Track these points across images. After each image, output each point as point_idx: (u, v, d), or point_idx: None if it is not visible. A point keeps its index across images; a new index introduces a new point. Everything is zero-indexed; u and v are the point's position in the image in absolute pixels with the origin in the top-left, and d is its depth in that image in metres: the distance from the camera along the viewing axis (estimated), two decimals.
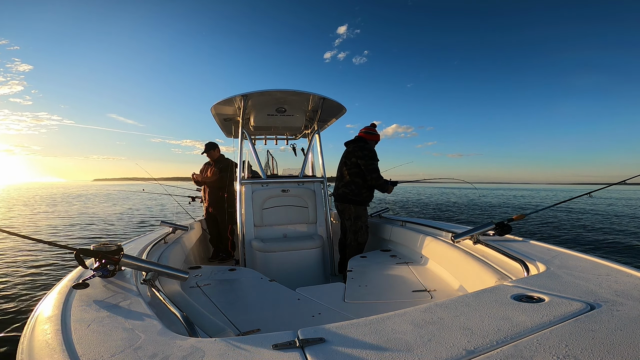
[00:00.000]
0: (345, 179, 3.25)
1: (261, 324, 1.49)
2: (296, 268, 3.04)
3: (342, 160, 3.37)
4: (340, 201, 3.28)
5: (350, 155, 3.24)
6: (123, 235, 8.68)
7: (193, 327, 1.03)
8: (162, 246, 2.44)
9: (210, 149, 4.16)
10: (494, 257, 1.79)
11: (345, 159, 3.30)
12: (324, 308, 1.68)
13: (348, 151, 3.31)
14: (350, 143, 3.35)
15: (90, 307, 1.07)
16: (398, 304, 1.73)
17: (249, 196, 3.27)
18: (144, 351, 0.79)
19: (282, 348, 0.78)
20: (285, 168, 4.23)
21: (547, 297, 1.01)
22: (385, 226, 3.34)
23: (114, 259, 1.37)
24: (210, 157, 4.20)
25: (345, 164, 3.27)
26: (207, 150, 4.16)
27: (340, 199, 3.29)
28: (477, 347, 0.74)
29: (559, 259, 1.46)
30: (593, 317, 0.86)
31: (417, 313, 0.95)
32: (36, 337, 0.90)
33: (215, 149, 4.19)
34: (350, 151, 3.26)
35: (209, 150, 4.16)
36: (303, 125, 3.64)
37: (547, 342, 0.74)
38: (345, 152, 3.37)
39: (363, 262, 2.60)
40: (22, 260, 5.34)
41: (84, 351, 0.80)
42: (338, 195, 3.32)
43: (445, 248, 2.20)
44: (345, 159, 3.28)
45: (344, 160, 3.32)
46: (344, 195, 3.23)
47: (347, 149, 3.35)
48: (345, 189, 3.22)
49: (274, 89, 3.05)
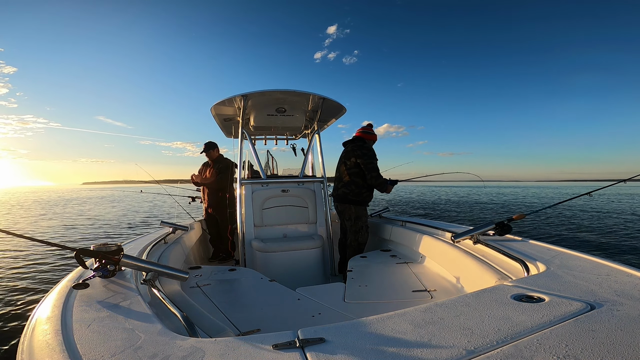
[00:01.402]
0: (344, 179, 3.22)
1: (261, 324, 1.49)
2: (296, 268, 3.04)
3: (340, 161, 3.35)
4: (340, 202, 3.26)
5: (349, 155, 3.21)
6: (123, 236, 8.68)
7: (193, 327, 1.03)
8: (162, 246, 2.44)
9: (210, 149, 4.09)
10: (494, 257, 1.79)
11: (344, 159, 3.28)
12: (324, 308, 1.68)
13: (347, 151, 3.29)
14: (349, 143, 3.34)
15: (90, 307, 1.07)
16: (398, 304, 1.73)
17: (249, 196, 3.27)
18: (144, 351, 0.79)
19: (282, 348, 0.78)
20: (285, 168, 4.23)
21: (547, 297, 1.01)
22: (385, 226, 3.34)
23: (114, 259, 1.37)
24: (209, 157, 4.13)
25: (344, 164, 3.24)
26: (206, 150, 4.09)
27: (340, 200, 3.26)
28: (477, 347, 0.74)
29: (559, 258, 1.46)
30: (593, 317, 0.86)
31: (417, 313, 0.95)
32: (36, 337, 0.90)
33: (214, 148, 4.13)
34: (349, 151, 3.23)
35: (208, 150, 4.08)
36: (303, 125, 3.64)
37: (547, 342, 0.74)
38: (343, 152, 3.35)
39: (363, 262, 2.60)
40: (22, 261, 5.34)
41: (85, 351, 0.80)
42: (338, 196, 3.29)
43: (445, 248, 2.20)
44: (345, 159, 3.26)
45: (343, 161, 3.30)
46: (344, 196, 3.21)
47: (346, 149, 3.33)
48: (345, 189, 3.20)
49: (274, 89, 3.05)
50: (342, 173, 3.27)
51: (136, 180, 9.60)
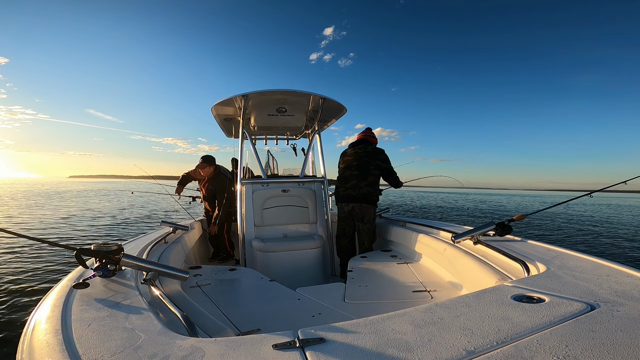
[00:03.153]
0: (369, 178, 3.16)
1: (261, 324, 1.49)
2: (296, 268, 3.04)
3: (363, 160, 3.21)
4: (361, 201, 3.13)
5: (372, 156, 3.20)
6: (123, 235, 8.68)
7: (193, 327, 1.03)
8: (163, 246, 2.44)
9: (205, 166, 3.87)
10: (494, 258, 1.79)
11: (366, 158, 3.20)
12: (324, 308, 1.68)
13: (368, 152, 3.23)
14: (360, 144, 3.32)
15: (90, 306, 1.07)
16: (398, 304, 1.73)
17: (249, 196, 3.27)
18: (144, 351, 0.79)
19: (282, 348, 0.77)
20: (286, 168, 4.24)
21: (548, 298, 1.01)
22: (385, 226, 3.34)
23: (115, 259, 1.37)
24: (205, 173, 3.95)
25: (369, 164, 3.18)
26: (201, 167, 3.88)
27: (362, 199, 3.13)
28: (477, 347, 0.74)
29: (559, 259, 1.46)
30: (593, 318, 0.86)
31: (417, 313, 0.95)
32: (36, 336, 0.90)
33: (211, 165, 3.90)
34: (371, 152, 3.22)
35: (204, 167, 3.87)
36: (303, 125, 3.64)
37: (547, 342, 0.74)
38: (356, 152, 3.27)
39: (363, 262, 2.60)
40: (22, 260, 5.34)
41: (85, 351, 0.80)
42: (361, 195, 3.13)
43: (445, 248, 2.19)
44: (367, 158, 3.20)
45: (367, 161, 3.20)
46: (368, 196, 3.13)
47: (363, 151, 3.26)
48: (370, 188, 3.14)
49: (275, 89, 3.06)
50: (369, 172, 3.18)
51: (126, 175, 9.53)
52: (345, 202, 3.20)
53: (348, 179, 3.21)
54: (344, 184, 3.23)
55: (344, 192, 3.21)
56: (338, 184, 3.33)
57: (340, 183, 3.29)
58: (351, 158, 3.27)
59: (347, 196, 3.19)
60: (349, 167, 3.25)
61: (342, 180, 3.26)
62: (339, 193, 3.27)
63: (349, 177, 3.21)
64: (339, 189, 3.30)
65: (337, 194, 3.33)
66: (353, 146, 3.36)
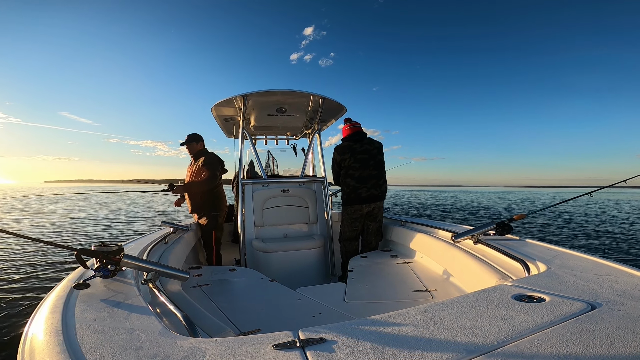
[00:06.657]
0: (384, 175, 3.11)
1: (261, 324, 1.49)
2: (297, 268, 3.04)
3: (377, 158, 3.07)
4: (381, 200, 3.06)
5: (381, 152, 3.11)
6: (122, 236, 8.68)
7: (194, 327, 1.03)
8: (163, 246, 2.44)
9: (193, 141, 3.40)
10: (495, 257, 1.79)
11: (380, 156, 3.09)
12: (324, 308, 1.68)
13: (377, 147, 3.08)
14: (363, 137, 3.11)
15: (91, 307, 1.07)
16: (398, 304, 1.73)
17: (250, 196, 3.27)
18: (144, 351, 0.79)
19: (282, 348, 0.78)
20: (286, 168, 4.24)
21: (548, 297, 1.01)
22: (385, 226, 3.34)
23: (115, 259, 1.37)
24: (191, 151, 3.44)
25: (382, 161, 3.10)
26: (188, 142, 3.40)
27: (382, 198, 3.05)
28: (478, 347, 0.74)
29: (559, 258, 1.46)
30: (594, 317, 0.86)
31: (418, 313, 0.95)
32: (37, 337, 0.90)
33: (199, 141, 3.44)
34: (379, 147, 3.10)
35: (191, 142, 3.39)
36: (303, 125, 3.64)
37: (548, 342, 0.74)
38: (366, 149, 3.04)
39: (363, 262, 2.60)
40: (22, 261, 5.35)
41: (85, 351, 0.80)
42: (381, 194, 3.04)
43: (445, 248, 2.19)
44: (381, 155, 3.10)
45: (380, 158, 3.09)
46: (384, 193, 3.08)
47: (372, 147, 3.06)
48: (385, 185, 3.08)
49: (275, 89, 3.06)
50: (382, 170, 3.10)
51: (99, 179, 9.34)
52: (367, 203, 3.01)
53: (367, 179, 2.99)
54: (364, 184, 2.99)
55: (367, 192, 2.98)
56: (355, 184, 3.00)
57: (358, 183, 2.99)
58: (366, 156, 3.02)
59: (370, 197, 2.99)
60: (365, 166, 3.00)
61: (361, 180, 2.99)
62: (361, 194, 2.99)
63: (368, 177, 3.00)
64: (359, 189, 2.99)
65: (357, 195, 3.00)
66: (356, 141, 3.08)
